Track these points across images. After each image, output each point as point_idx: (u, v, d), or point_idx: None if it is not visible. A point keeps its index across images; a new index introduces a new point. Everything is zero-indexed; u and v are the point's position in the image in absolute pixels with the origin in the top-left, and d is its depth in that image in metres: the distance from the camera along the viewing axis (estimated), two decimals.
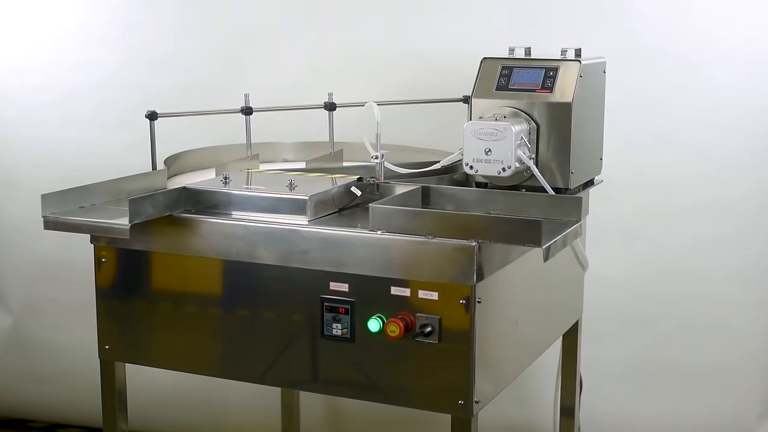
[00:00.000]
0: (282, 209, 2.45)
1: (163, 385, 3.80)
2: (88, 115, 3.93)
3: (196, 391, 3.81)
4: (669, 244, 3.49)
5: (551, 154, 2.70)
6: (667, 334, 3.52)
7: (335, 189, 2.55)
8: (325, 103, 3.07)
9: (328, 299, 2.37)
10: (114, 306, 2.63)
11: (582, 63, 2.72)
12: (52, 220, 2.46)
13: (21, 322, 4.20)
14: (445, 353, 2.28)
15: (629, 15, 3.45)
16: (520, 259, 2.47)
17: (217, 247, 2.47)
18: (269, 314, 2.45)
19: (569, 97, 2.68)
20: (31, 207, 3.98)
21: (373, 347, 2.35)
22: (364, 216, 2.50)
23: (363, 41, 3.63)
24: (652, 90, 3.45)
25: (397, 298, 2.31)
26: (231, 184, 2.58)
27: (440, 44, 3.56)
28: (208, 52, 3.80)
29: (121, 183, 2.71)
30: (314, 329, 2.40)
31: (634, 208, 3.49)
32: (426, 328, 2.28)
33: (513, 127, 2.62)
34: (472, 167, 2.65)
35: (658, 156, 3.47)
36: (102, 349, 2.67)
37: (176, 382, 3.01)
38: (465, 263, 2.24)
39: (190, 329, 2.56)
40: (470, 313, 2.25)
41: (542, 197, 2.55)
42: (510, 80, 2.78)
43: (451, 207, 2.62)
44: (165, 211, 2.48)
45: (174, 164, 2.99)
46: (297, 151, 3.35)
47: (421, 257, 2.27)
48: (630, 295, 3.53)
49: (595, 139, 2.92)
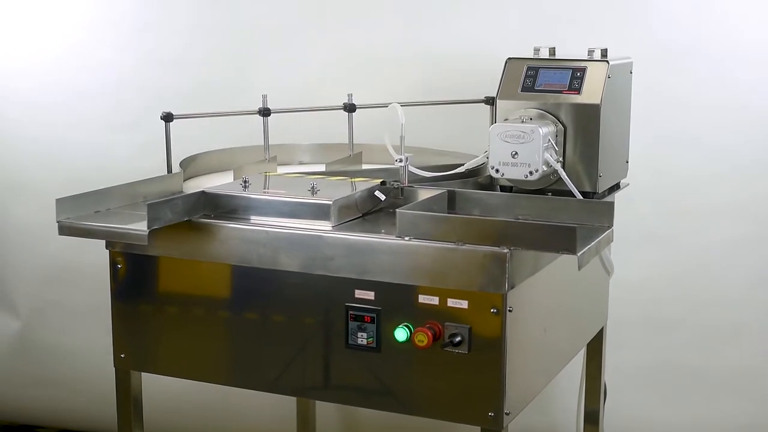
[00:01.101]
0: (304, 214, 2.38)
1: (176, 391, 3.72)
2: (99, 116, 3.85)
3: (209, 397, 3.74)
4: (691, 246, 3.42)
5: (578, 157, 2.63)
6: (689, 338, 3.45)
7: (358, 193, 2.47)
8: (345, 104, 3.00)
9: (353, 307, 2.30)
10: (130, 314, 2.56)
11: (610, 63, 2.65)
12: (67, 225, 2.39)
13: (29, 326, 4.14)
14: (475, 363, 2.21)
15: (652, 14, 3.37)
16: (549, 266, 2.40)
17: (237, 253, 2.39)
18: (291, 323, 2.38)
19: (597, 98, 2.61)
20: (40, 210, 3.96)
21: (399, 357, 2.27)
22: (388, 221, 2.44)
23: (379, 41, 3.55)
24: (673, 90, 3.38)
25: (425, 306, 2.24)
26: (250, 187, 2.51)
27: (458, 44, 3.48)
28: (221, 52, 3.72)
29: (137, 186, 2.64)
30: (338, 338, 2.33)
31: (655, 211, 3.42)
32: (455, 338, 2.21)
33: (540, 129, 2.55)
34: (497, 170, 2.58)
35: (681, 157, 3.40)
36: (117, 358, 2.60)
37: (189, 387, 2.94)
38: (496, 271, 2.16)
39: (208, 338, 2.49)
40: (501, 322, 2.18)
41: (572, 202, 2.48)
42: (536, 81, 2.71)
43: (477, 212, 2.54)
44: (184, 216, 2.41)
45: (189, 167, 2.92)
46: (314, 153, 3.27)
47: (450, 264, 2.20)
48: (651, 299, 3.46)
49: (621, 141, 2.85)
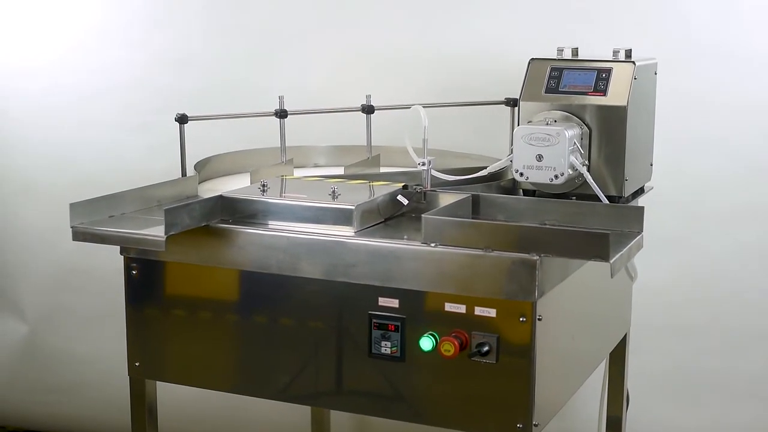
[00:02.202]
0: (326, 219, 2.31)
1: (189, 398, 3.65)
2: (108, 117, 3.79)
3: (221, 404, 3.67)
4: (713, 250, 3.35)
5: (603, 160, 2.57)
6: (711, 343, 3.39)
7: (380, 198, 2.41)
8: (363, 105, 2.93)
9: (377, 315, 2.23)
10: (144, 321, 2.50)
11: (636, 64, 2.59)
12: (81, 231, 2.33)
13: (37, 331, 4.08)
14: (504, 373, 2.15)
15: (671, 14, 3.30)
16: (575, 272, 2.34)
17: (256, 259, 2.33)
18: (312, 332, 2.32)
19: (624, 100, 2.55)
20: (49, 213, 3.91)
21: (424, 367, 2.21)
22: (409, 226, 2.38)
23: (395, 41, 3.48)
24: (693, 91, 3.31)
25: (451, 314, 2.17)
26: (269, 191, 2.44)
27: (475, 45, 3.41)
28: (234, 52, 3.65)
29: (151, 190, 2.58)
30: (361, 347, 2.26)
31: (677, 214, 3.35)
32: (483, 347, 2.14)
33: (566, 131, 2.48)
34: (522, 174, 2.51)
35: (702, 159, 3.33)
36: (131, 366, 2.53)
37: (203, 394, 2.87)
38: (526, 278, 2.10)
39: (225, 347, 2.43)
40: (531, 331, 2.12)
41: (601, 207, 2.41)
42: (560, 82, 2.65)
43: (502, 217, 2.48)
44: (201, 221, 2.34)
45: (203, 169, 2.85)
46: (329, 155, 3.21)
47: (477, 272, 2.14)
48: (673, 303, 3.39)
49: (646, 144, 2.79)
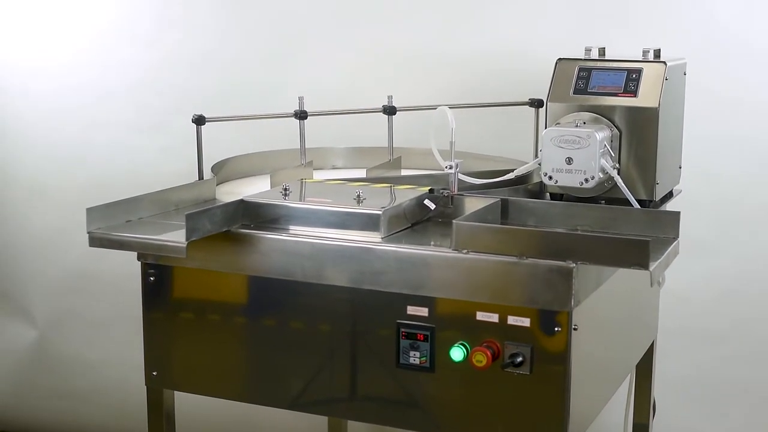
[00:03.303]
0: (351, 225, 2.24)
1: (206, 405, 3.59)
2: (121, 118, 3.71)
3: (239, 411, 3.60)
4: (740, 254, 3.29)
5: (633, 163, 2.50)
6: (738, 350, 3.32)
7: (407, 202, 2.33)
8: (384, 106, 2.86)
9: (405, 324, 2.16)
10: (163, 329, 2.42)
11: (667, 65, 2.51)
12: (99, 237, 2.26)
13: (46, 336, 4.03)
14: (538, 385, 2.07)
15: (698, 13, 3.23)
16: (608, 280, 2.26)
17: (280, 266, 2.25)
18: (337, 341, 2.24)
19: (655, 101, 2.48)
20: (58, 216, 3.85)
21: (455, 378, 2.13)
22: (436, 231, 2.31)
23: (416, 41, 3.41)
24: (720, 92, 3.24)
25: (483, 324, 2.10)
26: (291, 195, 2.37)
27: (497, 44, 3.34)
28: (250, 51, 3.57)
29: (169, 194, 2.51)
30: (388, 357, 2.19)
31: (702, 217, 3.28)
32: (517, 358, 2.07)
33: (597, 134, 2.41)
34: (551, 177, 2.45)
35: (728, 162, 3.26)
36: (149, 376, 2.45)
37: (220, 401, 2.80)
38: (562, 287, 2.02)
39: (248, 356, 2.35)
40: (566, 341, 2.04)
41: (635, 212, 2.34)
42: (588, 83, 2.57)
43: (532, 222, 2.40)
44: (223, 226, 2.27)
45: (220, 172, 2.78)
46: (347, 157, 3.14)
47: (511, 279, 2.06)
48: (698, 309, 3.33)
49: (675, 146, 2.72)
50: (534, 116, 2.93)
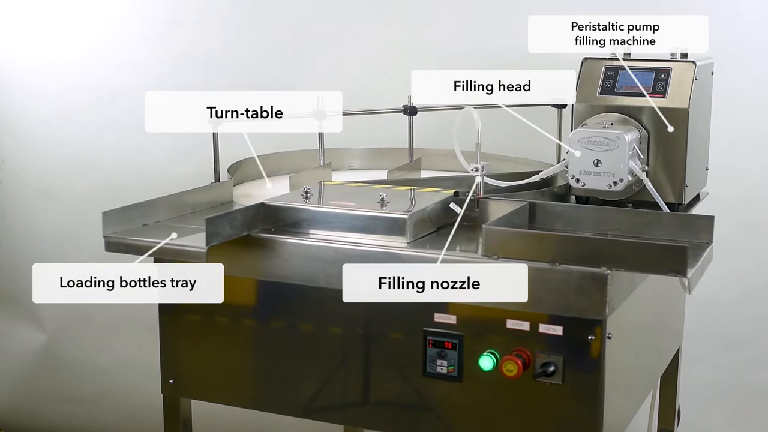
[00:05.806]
0: (376, 229, 2.17)
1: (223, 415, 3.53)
2: (130, 118, 3.64)
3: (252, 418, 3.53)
4: (764, 258, 3.22)
5: (661, 165, 2.44)
6: (763, 355, 3.25)
7: (432, 206, 2.27)
8: (404, 106, 2.79)
9: (433, 333, 2.10)
10: (180, 337, 2.36)
11: (697, 64, 2.45)
12: (115, 242, 2.20)
13: (55, 340, 3.97)
14: (570, 395, 2.01)
15: (725, 11, 3.16)
16: (639, 286, 2.20)
17: (302, 272, 2.19)
18: (362, 349, 2.18)
19: (685, 102, 2.42)
20: (68, 216, 3.78)
21: (484, 388, 2.07)
22: (462, 236, 2.24)
23: (433, 39, 3.34)
24: (747, 92, 3.17)
25: (513, 332, 2.03)
26: (312, 198, 2.30)
27: (516, 43, 3.27)
28: (262, 51, 3.50)
29: (185, 196, 2.44)
30: (415, 366, 2.12)
31: (726, 220, 3.18)
32: (548, 367, 2.00)
33: (626, 135, 2.35)
34: (578, 180, 2.39)
35: (754, 164, 3.19)
36: (165, 384, 2.39)
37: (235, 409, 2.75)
38: (596, 294, 1.96)
39: (268, 364, 2.28)
40: (600, 350, 1.98)
41: (667, 216, 2.27)
42: (615, 83, 2.51)
43: (560, 226, 2.34)
44: (243, 230, 2.20)
45: (235, 173, 2.71)
46: (364, 158, 3.07)
47: (543, 286, 2.00)
48: (723, 314, 3.27)
49: (703, 148, 2.65)
50: (557, 117, 2.86)
